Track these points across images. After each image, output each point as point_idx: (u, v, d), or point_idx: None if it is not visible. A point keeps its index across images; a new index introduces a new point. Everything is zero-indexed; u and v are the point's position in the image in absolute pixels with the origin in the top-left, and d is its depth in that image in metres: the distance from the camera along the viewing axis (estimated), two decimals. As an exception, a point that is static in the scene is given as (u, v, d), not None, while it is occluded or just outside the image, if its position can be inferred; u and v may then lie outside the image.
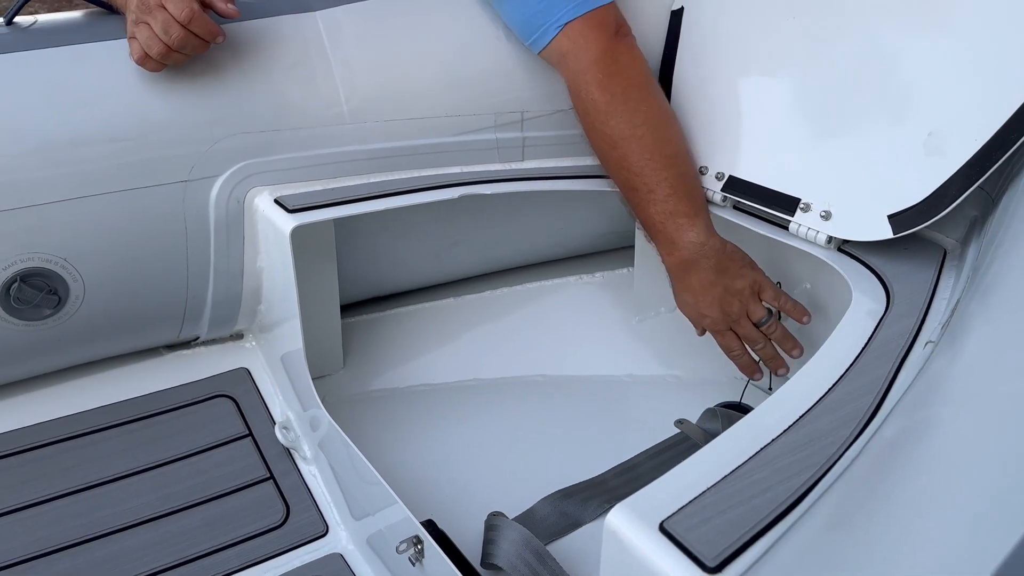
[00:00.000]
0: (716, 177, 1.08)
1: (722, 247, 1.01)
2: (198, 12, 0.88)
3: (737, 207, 1.08)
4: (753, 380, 1.07)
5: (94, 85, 0.94)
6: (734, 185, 1.06)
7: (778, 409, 0.68)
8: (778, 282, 1.04)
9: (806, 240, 0.98)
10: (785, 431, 0.65)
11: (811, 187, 0.98)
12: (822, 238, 0.96)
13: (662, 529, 0.55)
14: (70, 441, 0.98)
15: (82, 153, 0.92)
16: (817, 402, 0.68)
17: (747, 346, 1.03)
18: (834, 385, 0.71)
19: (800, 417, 0.66)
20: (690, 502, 0.57)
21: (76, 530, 0.90)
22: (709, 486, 0.59)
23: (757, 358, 1.05)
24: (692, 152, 1.09)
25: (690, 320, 1.06)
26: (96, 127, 0.93)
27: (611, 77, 1.02)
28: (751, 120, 1.06)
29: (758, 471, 0.61)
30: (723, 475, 0.60)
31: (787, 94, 1.04)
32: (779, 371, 1.03)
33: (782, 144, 1.03)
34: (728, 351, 1.05)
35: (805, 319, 1.01)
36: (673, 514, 0.56)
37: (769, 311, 1.02)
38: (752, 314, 1.01)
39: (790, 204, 0.99)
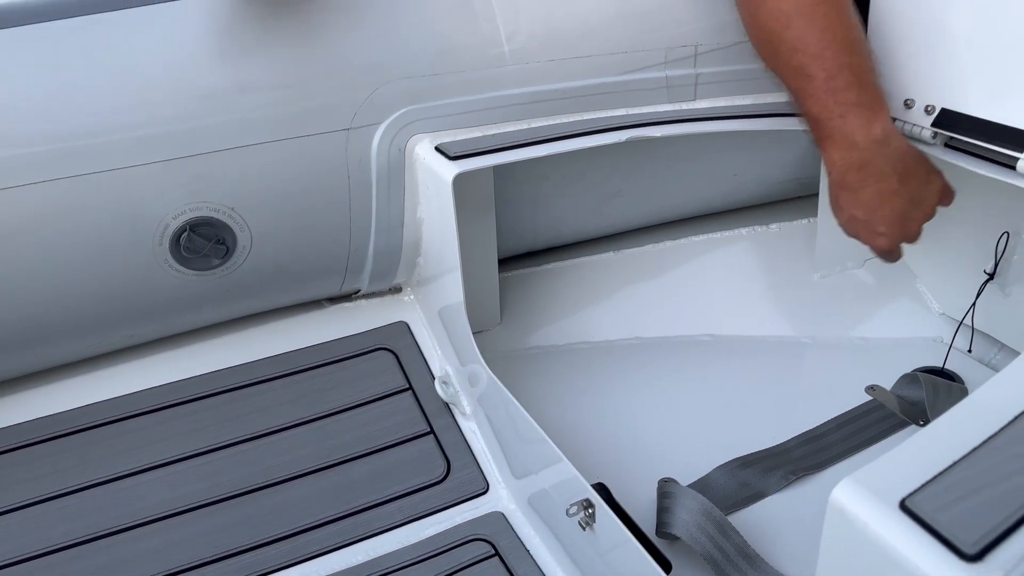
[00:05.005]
0: (925, 111, 0.94)
1: (909, 150, 0.88)
2: None
3: (950, 145, 0.94)
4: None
5: (257, 31, 0.93)
6: (948, 119, 0.92)
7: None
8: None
9: None
10: None
11: None
12: None
13: (904, 508, 0.47)
14: (238, 391, 1.00)
15: (248, 100, 0.91)
16: None
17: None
18: None
19: None
20: (934, 478, 0.49)
21: (244, 479, 0.91)
22: (954, 461, 0.50)
23: None
24: (895, 82, 0.96)
25: (856, 238, 0.92)
26: (260, 74, 0.92)
27: None
28: (969, 41, 0.92)
29: (1013, 445, 0.51)
30: (970, 449, 0.51)
31: (1018, 7, 0.88)
32: None
33: (1011, 68, 0.88)
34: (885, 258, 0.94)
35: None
36: (915, 491, 0.48)
37: None
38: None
39: (1020, 139, 0.85)
